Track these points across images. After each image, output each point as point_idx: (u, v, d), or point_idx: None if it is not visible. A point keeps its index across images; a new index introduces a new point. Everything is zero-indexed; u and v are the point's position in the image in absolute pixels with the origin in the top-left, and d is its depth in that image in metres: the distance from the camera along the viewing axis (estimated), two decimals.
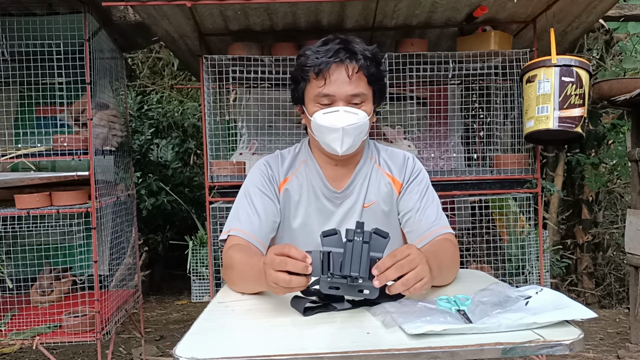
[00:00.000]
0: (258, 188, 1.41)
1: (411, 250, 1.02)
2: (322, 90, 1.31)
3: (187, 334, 0.93)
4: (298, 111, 1.46)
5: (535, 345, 0.82)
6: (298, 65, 1.36)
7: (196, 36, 2.44)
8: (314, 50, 1.32)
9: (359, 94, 1.32)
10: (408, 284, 0.98)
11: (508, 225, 2.78)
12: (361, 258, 0.96)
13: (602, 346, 3.07)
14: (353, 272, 0.96)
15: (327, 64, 1.29)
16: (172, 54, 4.53)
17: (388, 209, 1.43)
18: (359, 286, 0.98)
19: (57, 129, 2.78)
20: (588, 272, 4.24)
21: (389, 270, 0.97)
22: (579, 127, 2.16)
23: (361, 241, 0.97)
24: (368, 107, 1.35)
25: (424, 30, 2.56)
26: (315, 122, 1.33)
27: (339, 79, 1.30)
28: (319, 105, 1.33)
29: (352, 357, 0.81)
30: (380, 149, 1.50)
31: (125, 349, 3.20)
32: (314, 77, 1.32)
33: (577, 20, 2.45)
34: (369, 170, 1.45)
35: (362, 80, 1.32)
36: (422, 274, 1.00)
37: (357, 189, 1.43)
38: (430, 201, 1.42)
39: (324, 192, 1.43)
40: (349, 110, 1.31)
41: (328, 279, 0.98)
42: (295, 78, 1.39)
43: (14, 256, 2.72)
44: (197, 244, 3.87)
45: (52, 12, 2.27)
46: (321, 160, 1.44)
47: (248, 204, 1.39)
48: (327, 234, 1.00)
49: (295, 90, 1.40)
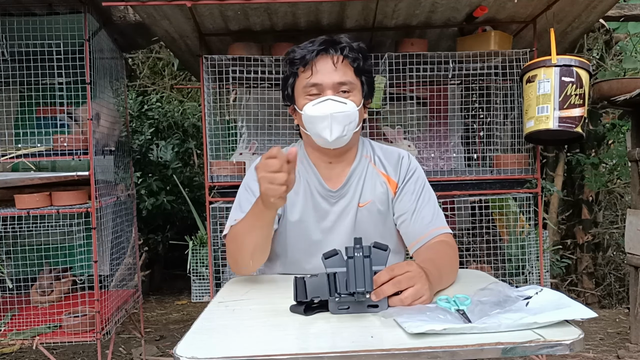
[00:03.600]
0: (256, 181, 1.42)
1: (411, 268, 1.02)
2: (309, 80, 1.34)
3: (187, 333, 0.93)
4: (290, 112, 1.47)
5: (535, 345, 0.82)
6: (286, 62, 1.41)
7: (196, 36, 2.44)
8: (301, 46, 1.38)
9: (345, 82, 1.34)
10: (406, 302, 0.99)
11: (508, 225, 2.78)
12: (364, 273, 0.97)
13: (602, 346, 3.07)
14: (359, 288, 0.96)
15: (312, 52, 1.34)
16: (172, 54, 4.52)
17: (384, 209, 1.43)
18: (367, 301, 0.99)
19: (57, 129, 2.78)
20: (588, 272, 4.24)
21: (386, 286, 0.98)
22: (579, 127, 2.16)
23: (362, 256, 0.97)
24: (357, 98, 1.37)
25: (424, 30, 2.56)
26: (306, 114, 1.35)
27: (325, 68, 1.34)
28: (308, 97, 1.35)
29: (352, 357, 0.81)
30: (375, 147, 1.50)
31: (125, 349, 3.20)
32: (302, 69, 1.36)
33: (577, 20, 2.45)
34: (364, 169, 1.45)
35: (348, 69, 1.36)
36: (421, 292, 1.00)
37: (353, 188, 1.43)
38: (426, 201, 1.41)
39: (320, 191, 1.43)
40: (337, 99, 1.33)
41: (336, 299, 0.99)
42: (285, 77, 1.42)
43: (14, 256, 2.72)
44: (197, 244, 3.87)
45: (52, 12, 2.27)
46: (316, 159, 1.45)
47: (250, 194, 1.39)
48: (328, 256, 1.00)
49: (284, 87, 1.43)
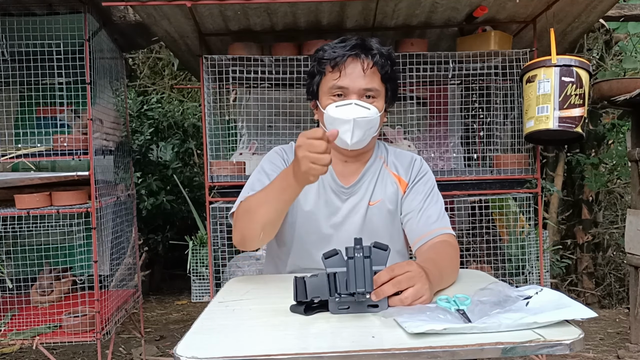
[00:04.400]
0: (274, 164, 1.43)
1: (411, 267, 1.02)
2: (336, 83, 1.34)
3: (187, 333, 0.93)
4: (311, 107, 1.48)
5: (535, 345, 0.82)
6: (315, 59, 1.40)
7: (196, 36, 2.44)
8: (331, 46, 1.37)
9: (372, 88, 1.35)
10: (406, 302, 0.99)
11: (508, 225, 2.78)
12: (364, 273, 0.97)
13: (602, 346, 3.07)
14: (359, 288, 0.96)
15: (343, 56, 1.33)
16: (172, 54, 4.52)
17: (393, 208, 1.44)
18: (368, 301, 0.99)
19: (57, 129, 2.78)
20: (588, 272, 4.24)
21: (386, 285, 0.98)
22: (579, 127, 2.16)
23: (362, 256, 0.97)
24: (380, 104, 1.37)
25: (424, 30, 2.56)
26: (328, 115, 1.35)
27: (354, 73, 1.33)
28: (332, 98, 1.35)
29: (352, 357, 0.81)
30: (389, 150, 1.52)
31: (125, 349, 3.20)
32: (330, 69, 1.35)
33: (577, 20, 2.45)
34: (378, 170, 1.46)
35: (376, 76, 1.35)
36: (421, 292, 1.00)
37: (365, 186, 1.44)
38: (434, 202, 1.42)
39: (332, 186, 1.44)
40: (361, 103, 1.33)
41: (336, 299, 0.99)
42: (312, 72, 1.42)
43: (14, 256, 2.72)
44: (197, 244, 3.87)
45: (52, 12, 2.27)
46: (332, 156, 1.45)
47: (264, 175, 1.40)
48: (328, 256, 1.00)
49: (310, 84, 1.43)
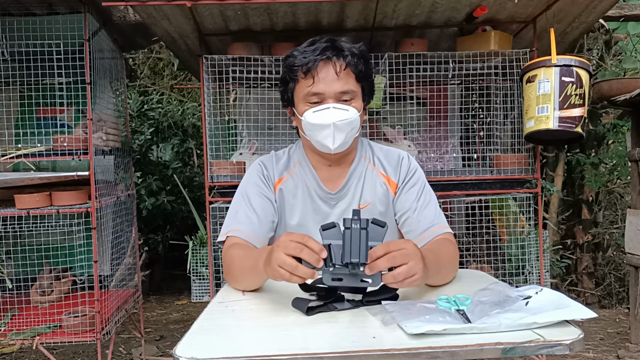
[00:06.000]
0: (255, 188, 1.40)
1: (407, 245, 1.01)
2: (311, 89, 1.30)
3: (187, 333, 0.93)
4: (288, 113, 1.45)
5: (535, 345, 0.83)
6: (286, 66, 1.35)
7: (196, 36, 2.44)
8: (301, 51, 1.32)
9: (348, 90, 1.31)
10: (398, 278, 0.98)
11: (508, 225, 2.78)
12: (360, 244, 0.96)
13: (602, 346, 3.07)
14: (353, 259, 0.96)
15: (314, 61, 1.29)
16: (172, 54, 4.53)
17: (384, 210, 1.43)
18: (361, 275, 0.98)
19: (57, 129, 2.79)
20: (588, 272, 4.24)
21: (381, 260, 0.97)
22: (579, 127, 2.16)
23: (359, 228, 0.97)
24: (358, 104, 1.35)
25: (424, 30, 2.56)
26: (306, 121, 1.33)
27: (328, 77, 1.29)
28: (308, 104, 1.32)
29: (353, 357, 0.81)
30: (374, 148, 1.49)
31: (125, 349, 3.20)
32: (302, 76, 1.31)
33: (577, 20, 2.45)
34: (364, 170, 1.44)
35: (350, 77, 1.32)
36: (414, 270, 0.99)
37: (352, 190, 1.43)
38: (428, 201, 1.41)
39: (319, 193, 1.42)
40: (339, 106, 1.30)
41: (330, 269, 0.98)
42: (284, 79, 1.38)
43: (14, 256, 2.72)
44: (197, 244, 3.87)
45: (52, 12, 2.27)
46: (315, 162, 1.43)
47: (246, 204, 1.38)
48: (326, 228, 1.00)
49: (284, 91, 1.39)
